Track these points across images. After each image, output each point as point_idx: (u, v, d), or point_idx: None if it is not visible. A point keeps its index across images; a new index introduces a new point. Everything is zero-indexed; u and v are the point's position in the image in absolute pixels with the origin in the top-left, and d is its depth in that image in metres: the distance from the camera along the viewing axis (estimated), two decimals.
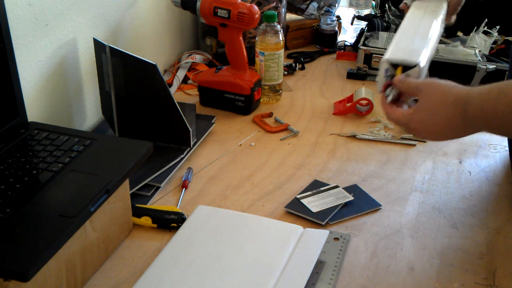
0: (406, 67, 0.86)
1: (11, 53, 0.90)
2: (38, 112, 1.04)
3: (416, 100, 0.83)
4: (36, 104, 1.03)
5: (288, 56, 1.65)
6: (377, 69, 1.52)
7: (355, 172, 1.10)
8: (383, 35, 1.54)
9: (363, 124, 1.27)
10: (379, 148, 1.18)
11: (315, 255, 0.85)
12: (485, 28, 1.53)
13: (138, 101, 1.11)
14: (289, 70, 1.53)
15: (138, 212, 0.94)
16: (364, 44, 1.51)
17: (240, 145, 1.19)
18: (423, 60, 0.86)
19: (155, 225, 0.93)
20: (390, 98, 0.85)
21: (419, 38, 0.93)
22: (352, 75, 1.51)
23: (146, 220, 0.93)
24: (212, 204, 0.99)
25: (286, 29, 1.67)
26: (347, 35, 1.82)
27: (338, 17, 1.77)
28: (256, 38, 1.33)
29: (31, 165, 0.84)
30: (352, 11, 1.92)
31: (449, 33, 1.58)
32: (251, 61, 1.35)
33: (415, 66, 0.85)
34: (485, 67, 1.39)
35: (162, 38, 1.49)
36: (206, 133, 1.20)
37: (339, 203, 0.99)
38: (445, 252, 0.89)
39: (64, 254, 0.75)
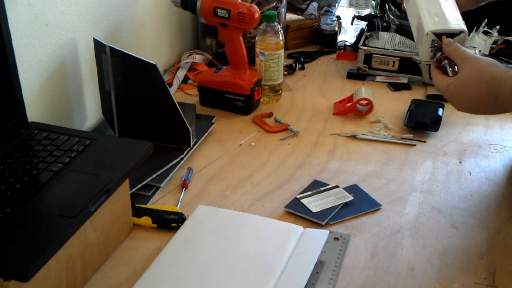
0: (451, 35, 0.92)
1: (11, 53, 0.90)
2: (38, 112, 1.04)
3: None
4: (36, 104, 1.03)
5: (288, 56, 1.65)
6: (377, 69, 1.53)
7: (355, 172, 1.10)
8: (383, 35, 1.54)
9: (363, 124, 1.27)
10: (379, 148, 1.18)
11: (315, 255, 0.85)
12: (485, 28, 1.53)
13: (138, 101, 1.11)
14: (289, 70, 1.53)
15: (138, 212, 0.94)
16: (364, 44, 1.51)
17: (240, 145, 1.19)
18: (464, 24, 0.93)
19: (155, 225, 0.93)
20: (448, 71, 0.91)
21: (446, 4, 0.98)
22: (352, 75, 1.51)
23: (146, 220, 0.93)
24: (212, 204, 0.99)
25: (286, 29, 1.67)
26: (347, 35, 1.82)
27: (338, 17, 1.77)
28: (256, 38, 1.33)
29: (31, 165, 0.84)
30: (352, 11, 1.92)
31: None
32: (251, 61, 1.35)
33: (460, 33, 0.92)
34: (501, 63, 1.39)
35: (162, 38, 1.49)
36: (206, 133, 1.20)
37: (339, 203, 0.99)
38: (445, 252, 0.89)
39: (64, 254, 0.75)
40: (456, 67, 0.91)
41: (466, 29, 0.93)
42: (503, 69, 0.82)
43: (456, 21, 0.94)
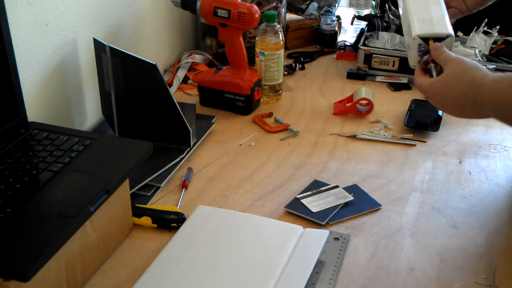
0: (438, 39, 0.93)
1: (11, 53, 0.90)
2: (38, 112, 1.04)
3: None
4: (36, 104, 1.03)
5: (288, 56, 1.65)
6: (377, 69, 1.53)
7: (355, 172, 1.10)
8: (383, 35, 1.54)
9: (363, 124, 1.27)
10: (379, 148, 1.18)
11: (315, 255, 0.85)
12: (485, 28, 1.53)
13: (138, 101, 1.11)
14: (289, 70, 1.53)
15: (138, 212, 0.94)
16: (364, 44, 1.51)
17: (240, 145, 1.19)
18: (451, 29, 0.93)
19: (155, 225, 0.93)
20: (433, 73, 0.92)
21: (434, 5, 0.98)
22: (352, 75, 1.51)
23: (146, 220, 0.93)
24: (212, 204, 0.99)
25: (286, 29, 1.67)
26: (347, 35, 1.82)
27: (338, 17, 1.77)
28: (256, 38, 1.33)
29: (31, 165, 0.84)
30: (352, 11, 1.92)
31: None
32: (251, 61, 1.35)
33: (447, 37, 0.93)
34: (485, 67, 1.39)
35: (162, 38, 1.49)
36: (206, 133, 1.20)
37: (339, 203, 0.99)
38: (445, 252, 0.89)
39: (64, 254, 0.75)
40: (442, 70, 0.91)
41: (452, 33, 0.93)
42: (485, 73, 0.82)
43: (442, 26, 0.94)
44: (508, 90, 0.76)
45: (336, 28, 1.71)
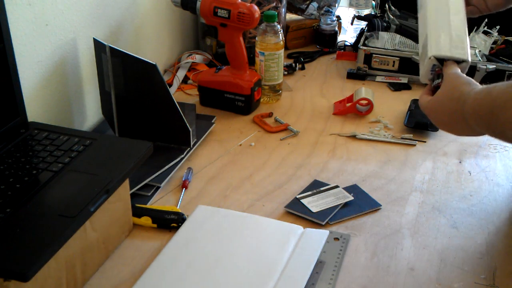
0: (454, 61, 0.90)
1: (11, 53, 0.90)
2: (38, 112, 1.04)
3: None
4: (36, 104, 1.03)
5: (288, 56, 1.65)
6: (377, 69, 1.53)
7: (355, 172, 1.10)
8: (383, 35, 1.54)
9: (363, 124, 1.27)
10: (379, 148, 1.18)
11: (315, 255, 0.85)
12: (485, 28, 1.53)
13: (138, 101, 1.11)
14: (289, 70, 1.53)
15: (138, 212, 0.94)
16: (364, 44, 1.51)
17: (240, 145, 1.19)
18: (469, 54, 0.91)
19: (155, 225, 0.93)
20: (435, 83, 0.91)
21: (456, 27, 0.94)
22: (352, 75, 1.51)
23: (146, 220, 0.93)
24: (212, 204, 0.99)
25: (286, 29, 1.67)
26: (347, 35, 1.82)
27: (338, 17, 1.77)
28: (256, 38, 1.33)
29: (31, 165, 0.84)
30: (352, 11, 1.92)
31: None
32: (251, 61, 1.35)
33: (463, 61, 0.90)
34: (485, 67, 1.39)
35: (162, 38, 1.49)
36: (206, 133, 1.20)
37: (339, 203, 0.99)
38: (445, 252, 0.89)
39: (64, 254, 0.75)
40: None
41: (469, 59, 0.90)
42: (472, 87, 0.81)
43: (461, 49, 0.91)
44: (485, 100, 0.76)
45: (336, 28, 1.71)
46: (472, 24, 1.54)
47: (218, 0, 1.24)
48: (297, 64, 1.55)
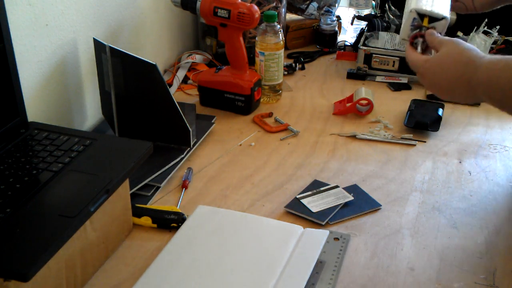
0: (433, 19, 0.92)
1: (11, 53, 0.90)
2: (38, 112, 1.04)
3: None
4: (36, 104, 1.03)
5: (288, 56, 1.65)
6: (377, 69, 1.53)
7: (355, 172, 1.10)
8: (383, 35, 1.54)
9: (363, 124, 1.27)
10: (379, 148, 1.18)
11: (315, 255, 0.85)
12: (485, 28, 1.53)
13: (138, 101, 1.11)
14: (289, 70, 1.53)
15: (138, 212, 0.94)
16: (364, 44, 1.51)
17: (240, 145, 1.19)
18: (449, 13, 0.92)
19: (155, 225, 0.93)
20: (419, 48, 0.92)
21: None
22: (352, 75, 1.51)
23: (146, 220, 0.93)
24: (212, 204, 0.99)
25: (286, 29, 1.67)
26: (347, 35, 1.82)
27: (338, 17, 1.77)
28: (256, 38, 1.33)
29: (31, 165, 0.84)
30: (352, 11, 1.92)
31: (449, 33, 1.57)
32: (251, 61, 1.35)
33: (442, 18, 0.91)
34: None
35: (162, 38, 1.49)
36: (206, 133, 1.20)
37: (339, 203, 0.99)
38: (445, 252, 0.89)
39: (64, 254, 0.75)
40: (428, 47, 0.92)
41: (448, 17, 0.92)
42: (482, 55, 0.82)
43: (441, 7, 0.93)
44: (504, 71, 0.76)
45: (336, 28, 1.71)
46: (472, 24, 1.54)
47: (218, 0, 1.24)
48: (297, 64, 1.55)
